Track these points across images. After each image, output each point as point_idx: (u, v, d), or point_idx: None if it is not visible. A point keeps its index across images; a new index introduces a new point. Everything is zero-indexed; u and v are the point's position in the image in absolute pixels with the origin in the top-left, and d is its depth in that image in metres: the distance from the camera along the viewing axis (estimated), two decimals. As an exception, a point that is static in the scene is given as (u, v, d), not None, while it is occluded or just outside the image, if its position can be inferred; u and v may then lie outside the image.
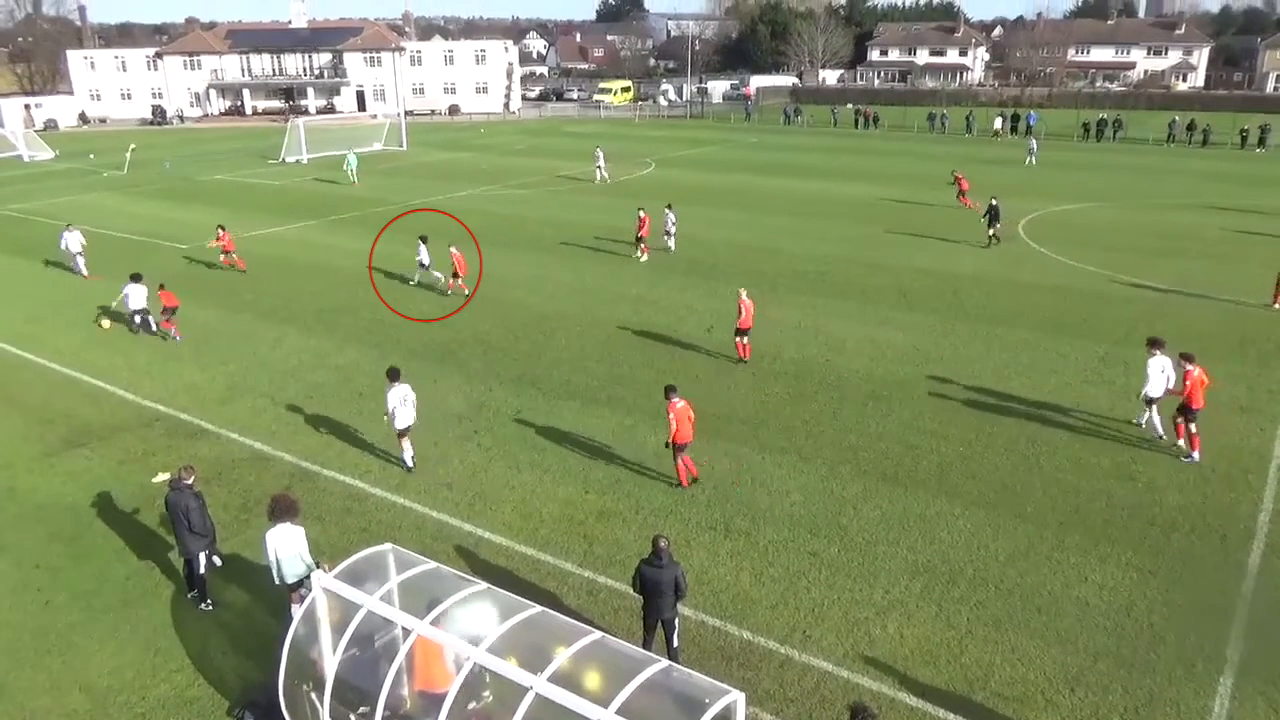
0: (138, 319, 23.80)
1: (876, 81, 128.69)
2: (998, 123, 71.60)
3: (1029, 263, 30.31)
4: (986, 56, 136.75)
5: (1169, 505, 14.65)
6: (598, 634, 8.92)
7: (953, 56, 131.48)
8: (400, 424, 15.79)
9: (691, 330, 23.44)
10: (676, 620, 10.82)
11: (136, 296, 23.63)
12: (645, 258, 30.83)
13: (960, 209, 38.19)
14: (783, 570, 13.09)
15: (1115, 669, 10.97)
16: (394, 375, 15.86)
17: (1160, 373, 16.47)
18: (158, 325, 23.80)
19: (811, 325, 23.78)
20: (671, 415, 14.81)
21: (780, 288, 27.18)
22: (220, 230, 30.49)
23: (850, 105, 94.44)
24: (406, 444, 16.12)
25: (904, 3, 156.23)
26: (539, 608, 9.34)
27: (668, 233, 31.86)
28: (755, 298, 21.25)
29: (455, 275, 26.65)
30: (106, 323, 24.44)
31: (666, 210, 32.12)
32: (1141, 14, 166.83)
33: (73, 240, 29.93)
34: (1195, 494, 15.00)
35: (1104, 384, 19.64)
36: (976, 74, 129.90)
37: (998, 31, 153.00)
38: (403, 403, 15.73)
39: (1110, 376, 20.04)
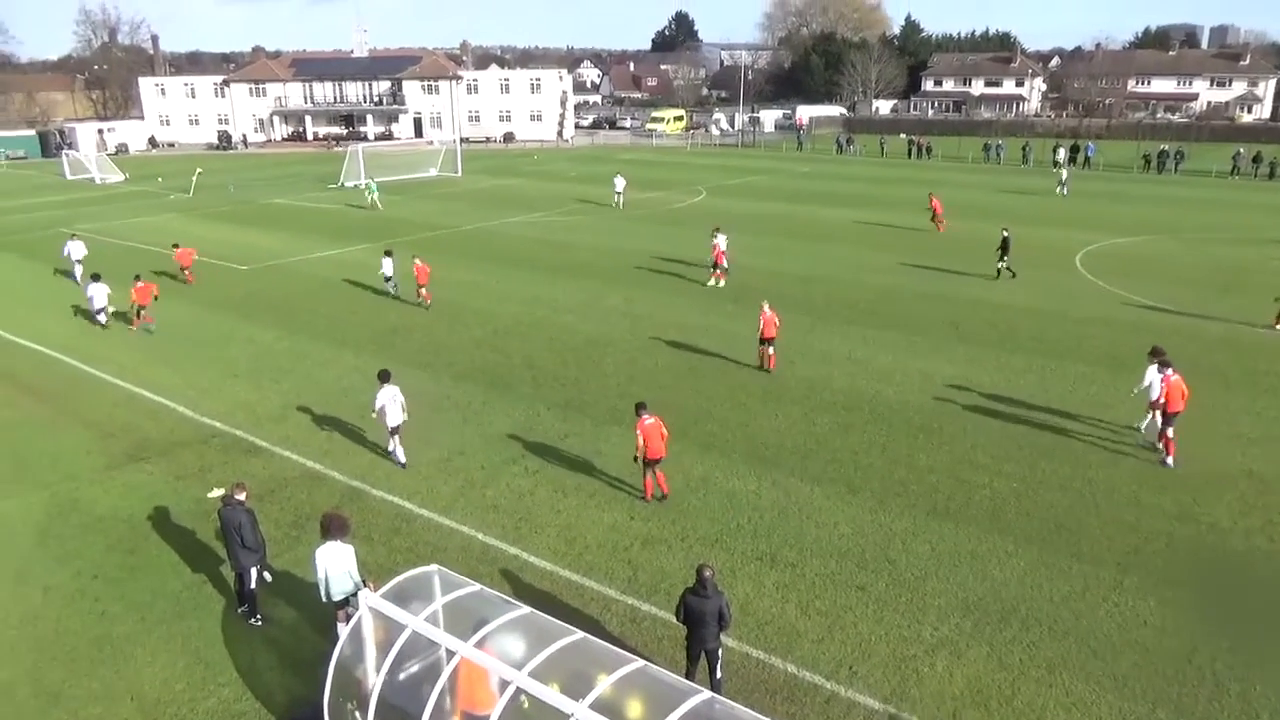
0: (102, 316, 26.60)
1: (930, 112, 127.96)
2: (1060, 153, 69.60)
3: (1085, 296, 29.73)
4: (1043, 87, 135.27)
5: (1233, 550, 14.16)
6: (640, 662, 8.87)
7: (1009, 87, 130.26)
8: (391, 422, 16.86)
9: (741, 356, 23.35)
10: (720, 651, 10.72)
11: (99, 295, 26.45)
12: (717, 283, 31.03)
13: (934, 233, 39.92)
14: (829, 603, 12.90)
15: (1175, 718, 10.58)
16: (384, 377, 17.08)
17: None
18: (139, 314, 26.40)
19: (861, 356, 23.56)
20: (639, 431, 15.12)
21: (830, 318, 27.00)
22: (176, 247, 32.85)
23: (903, 135, 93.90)
24: (398, 442, 17.21)
25: (959, 33, 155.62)
26: (582, 634, 9.32)
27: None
28: (804, 327, 21.15)
29: (420, 286, 28.31)
30: (104, 318, 26.70)
31: (715, 233, 32.22)
32: (1205, 45, 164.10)
33: (75, 249, 32.50)
34: (1261, 538, 14.48)
35: (1164, 421, 19.11)
36: (1033, 104, 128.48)
37: (1055, 62, 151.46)
38: (391, 402, 16.82)
39: (1171, 414, 19.49)
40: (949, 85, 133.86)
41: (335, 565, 11.26)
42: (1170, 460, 16.90)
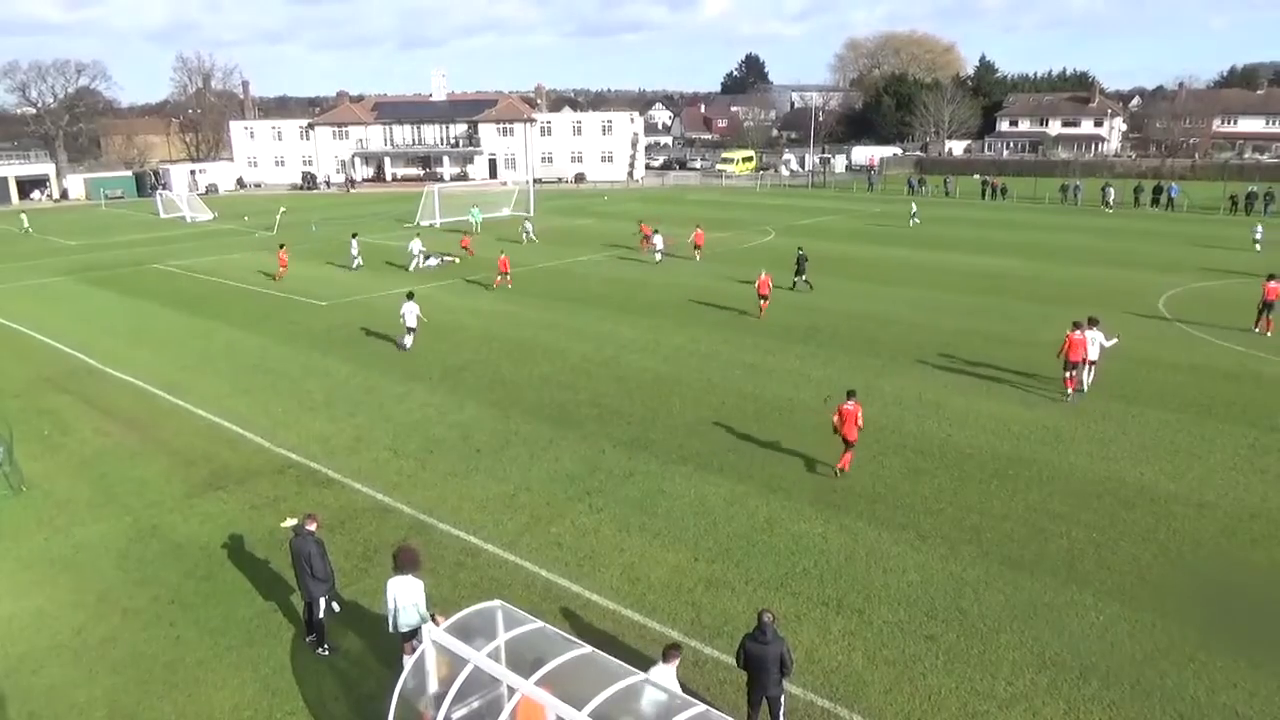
0: (421, 258, 42.97)
1: (1005, 152, 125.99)
2: (1111, 193, 69.03)
3: (1170, 340, 28.73)
4: (1123, 127, 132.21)
5: (1332, 609, 13.40)
6: (702, 707, 8.74)
7: (1087, 127, 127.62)
8: (409, 324, 26.98)
9: (807, 399, 23.12)
10: (782, 698, 10.52)
11: (415, 245, 42.74)
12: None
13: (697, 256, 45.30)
14: (897, 653, 12.56)
15: (1269, 788, 9.99)
16: (410, 296, 27.59)
17: (1093, 343, 22.44)
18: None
19: (932, 399, 23.10)
20: (839, 413, 17.79)
21: (900, 359, 26.57)
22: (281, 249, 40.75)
23: (976, 175, 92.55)
24: (410, 337, 27.16)
25: (1035, 73, 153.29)
26: (643, 675, 9.25)
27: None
28: (874, 369, 20.89)
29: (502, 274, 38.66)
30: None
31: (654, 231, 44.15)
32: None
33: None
34: (1363, 599, 13.68)
35: (1256, 473, 18.28)
36: (1113, 145, 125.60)
37: (1136, 101, 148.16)
38: (409, 313, 26.93)
39: (1264, 465, 18.64)
40: (1025, 125, 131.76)
41: (403, 598, 11.42)
42: (1070, 392, 22.51)
